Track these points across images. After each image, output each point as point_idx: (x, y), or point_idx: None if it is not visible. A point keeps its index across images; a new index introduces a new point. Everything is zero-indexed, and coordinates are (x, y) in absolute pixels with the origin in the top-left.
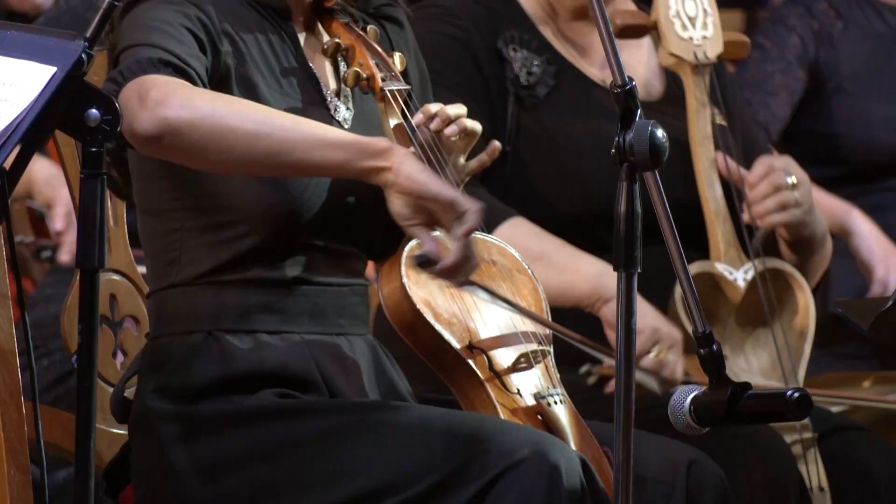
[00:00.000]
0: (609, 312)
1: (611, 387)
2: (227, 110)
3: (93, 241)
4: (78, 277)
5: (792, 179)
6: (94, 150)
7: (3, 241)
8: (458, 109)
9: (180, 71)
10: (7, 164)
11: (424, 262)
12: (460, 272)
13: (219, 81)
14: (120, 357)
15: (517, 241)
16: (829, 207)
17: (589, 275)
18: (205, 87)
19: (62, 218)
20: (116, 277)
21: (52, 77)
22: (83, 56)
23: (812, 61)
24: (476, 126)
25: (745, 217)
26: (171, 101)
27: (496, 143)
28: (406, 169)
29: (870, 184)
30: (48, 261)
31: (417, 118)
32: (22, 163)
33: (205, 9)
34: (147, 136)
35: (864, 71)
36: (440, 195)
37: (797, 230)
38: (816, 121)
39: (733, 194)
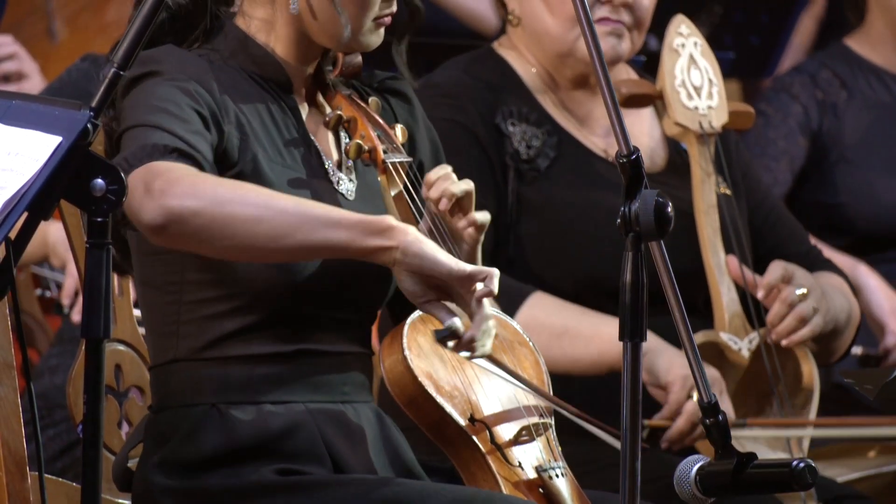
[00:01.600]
0: (644, 373)
1: (665, 441)
2: (230, 196)
3: (98, 311)
4: (83, 347)
5: (802, 291)
6: (99, 219)
7: (8, 310)
8: (465, 185)
9: (185, 155)
10: (12, 234)
11: (447, 337)
12: (481, 344)
13: (222, 155)
14: (125, 427)
15: (539, 319)
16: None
17: (615, 340)
18: (210, 166)
19: (73, 283)
20: (121, 348)
21: (57, 147)
22: (89, 126)
23: (815, 130)
24: (485, 218)
25: (768, 339)
26: (175, 190)
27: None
28: (414, 248)
29: (874, 254)
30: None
31: (423, 191)
32: (27, 232)
33: (206, 84)
34: (153, 226)
35: (868, 141)
36: (453, 270)
37: (822, 335)
38: (821, 191)
39: (739, 264)
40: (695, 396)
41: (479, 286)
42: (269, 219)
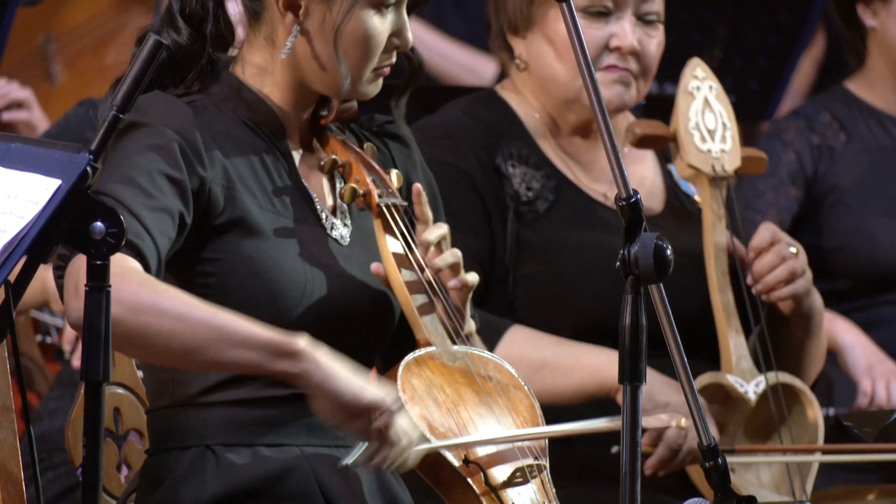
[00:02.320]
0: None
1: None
2: (148, 305)
3: (97, 354)
4: (82, 390)
5: (793, 249)
6: (98, 263)
7: (7, 353)
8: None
9: (129, 245)
10: (12, 277)
11: (356, 461)
12: (394, 465)
13: (206, 206)
14: (124, 471)
15: (517, 353)
16: None
17: (594, 369)
18: (159, 255)
19: (70, 339)
20: (121, 391)
21: (56, 190)
22: (88, 169)
23: (809, 176)
24: (474, 280)
25: (754, 290)
26: None
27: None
28: (316, 375)
29: (871, 297)
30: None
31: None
32: (27, 275)
33: (189, 136)
34: (76, 326)
35: (866, 183)
36: (356, 401)
37: (802, 300)
38: (817, 235)
39: (746, 304)
40: (673, 423)
41: (380, 416)
42: (181, 333)
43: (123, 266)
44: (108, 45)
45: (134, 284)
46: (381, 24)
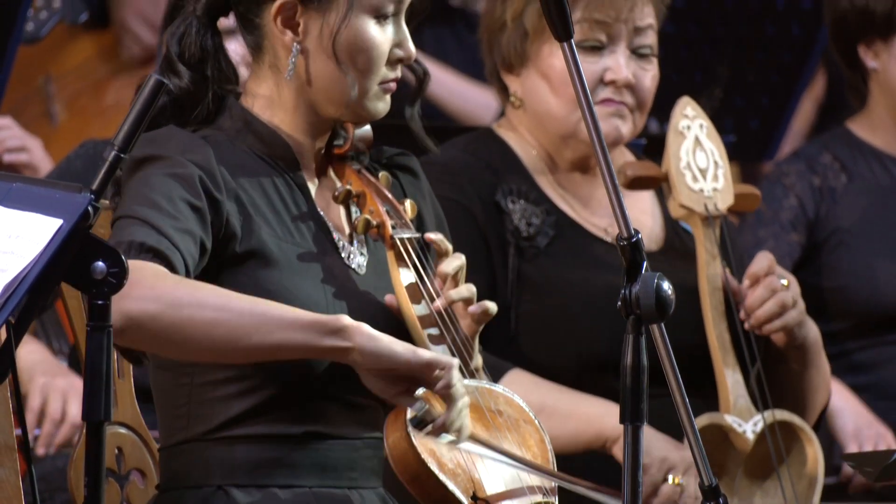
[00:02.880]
0: (620, 451)
1: None
2: (188, 299)
3: (99, 393)
4: (84, 430)
5: (784, 281)
6: (100, 302)
7: (9, 393)
8: (466, 292)
9: (159, 255)
10: (13, 318)
11: (419, 424)
12: (455, 427)
13: (224, 238)
14: None
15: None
16: None
17: (592, 419)
18: (187, 268)
19: (33, 419)
20: (123, 430)
21: (58, 229)
22: (89, 208)
23: (810, 220)
24: (493, 307)
25: (747, 325)
26: (134, 293)
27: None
28: (369, 347)
29: (872, 337)
30: None
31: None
32: (28, 315)
33: (208, 167)
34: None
35: (867, 224)
36: (412, 362)
37: (795, 333)
38: (819, 275)
39: (741, 343)
40: (671, 479)
41: (440, 374)
42: (226, 321)
43: (155, 269)
44: (108, 85)
45: (170, 282)
46: (380, 34)
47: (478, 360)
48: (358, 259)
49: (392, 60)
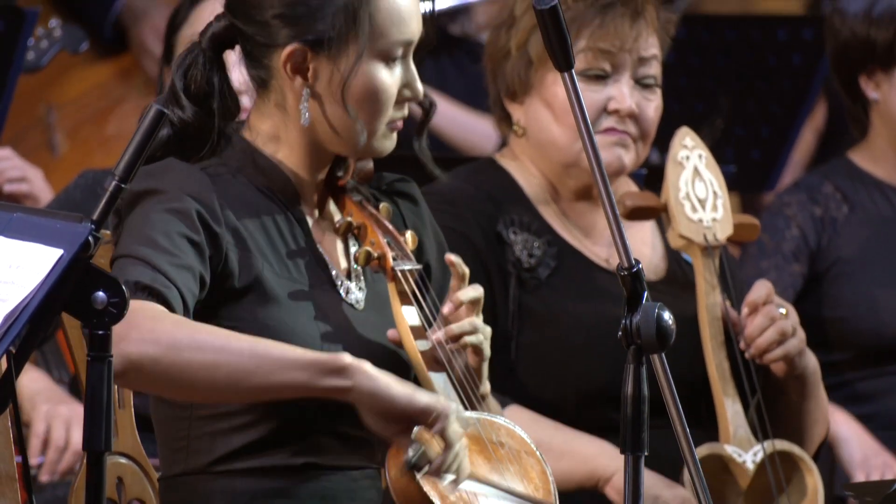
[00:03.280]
0: (612, 491)
1: None
2: (187, 341)
3: (99, 423)
4: (84, 460)
5: (783, 310)
6: (100, 332)
7: (10, 423)
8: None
9: (157, 294)
10: (14, 347)
11: (415, 465)
12: (452, 468)
13: (222, 272)
14: None
15: None
16: None
17: (587, 457)
18: (186, 305)
19: (37, 447)
20: (123, 461)
21: (58, 259)
22: (90, 238)
23: (812, 250)
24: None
25: (747, 354)
26: (133, 336)
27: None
28: (368, 386)
29: (873, 368)
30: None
31: (447, 307)
32: (29, 345)
33: (206, 201)
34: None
35: (869, 255)
36: (408, 406)
37: (795, 362)
38: (820, 306)
39: (741, 374)
40: None
41: (435, 419)
42: (226, 363)
43: (154, 309)
44: (110, 115)
45: (168, 323)
46: (389, 78)
47: (485, 387)
48: (356, 294)
49: (400, 101)
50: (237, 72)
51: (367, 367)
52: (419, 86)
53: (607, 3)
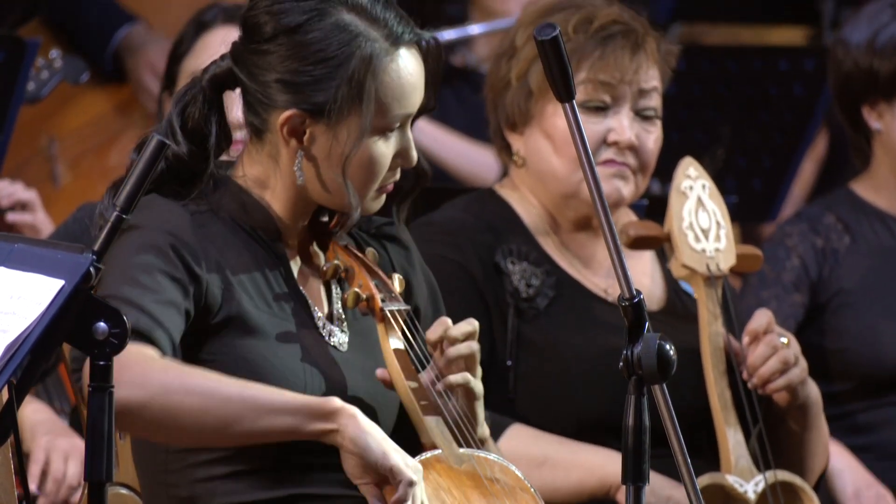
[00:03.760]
0: (624, 497)
1: None
2: (176, 385)
3: (101, 453)
4: (85, 490)
5: (784, 339)
6: (101, 363)
7: (11, 453)
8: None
9: (143, 335)
10: (15, 378)
11: None
12: None
13: (204, 308)
14: None
15: (519, 449)
16: None
17: (594, 467)
18: (172, 341)
19: (35, 477)
20: (124, 491)
21: (59, 290)
22: (91, 269)
23: (814, 280)
24: (479, 391)
25: (750, 384)
26: (122, 379)
27: None
28: (351, 431)
29: (874, 399)
30: None
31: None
32: (30, 376)
33: (185, 239)
34: None
35: (870, 285)
36: (381, 462)
37: (798, 391)
38: (821, 336)
39: (743, 403)
40: None
41: (396, 484)
42: (215, 408)
43: (142, 354)
44: (112, 147)
45: (158, 368)
46: (385, 149)
47: (484, 431)
48: (339, 336)
49: (392, 167)
50: (237, 109)
51: (356, 412)
52: (414, 154)
53: (607, 34)
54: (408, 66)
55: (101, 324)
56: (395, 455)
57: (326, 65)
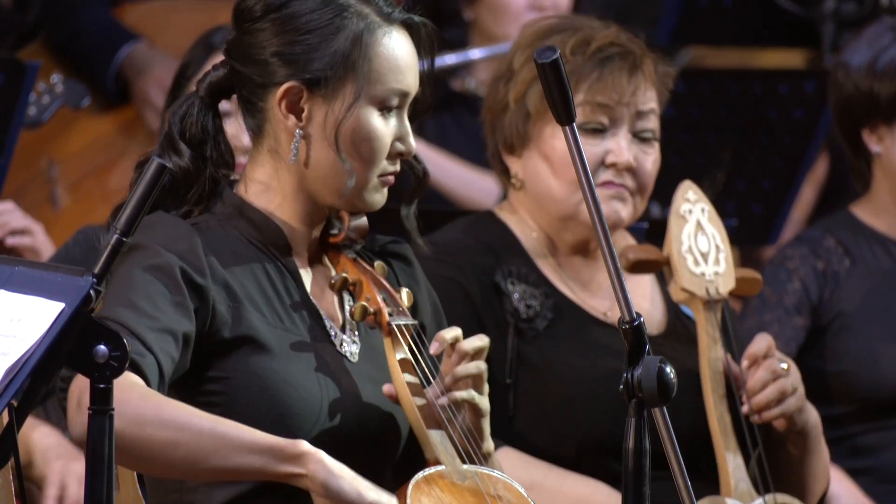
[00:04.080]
0: None
1: None
2: (151, 416)
3: (101, 477)
4: None
5: (784, 365)
6: (102, 386)
7: (11, 476)
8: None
9: (130, 363)
10: (15, 401)
11: None
12: None
13: (212, 328)
14: None
15: (506, 473)
16: None
17: (580, 497)
18: (161, 370)
19: (53, 501)
20: None
21: (60, 313)
22: (91, 292)
23: (814, 303)
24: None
25: (745, 409)
26: None
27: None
28: (321, 477)
29: (874, 421)
30: None
31: (433, 347)
32: (31, 399)
33: (191, 257)
34: (78, 442)
35: (870, 308)
36: (357, 503)
37: (795, 418)
38: (821, 359)
39: (742, 427)
40: None
41: None
42: (185, 443)
43: (125, 381)
44: (112, 169)
45: (136, 397)
46: (383, 126)
47: (489, 446)
48: (350, 347)
49: (392, 154)
50: (233, 124)
51: (323, 456)
52: (412, 141)
53: (605, 56)
54: (401, 43)
55: (102, 346)
56: (370, 493)
57: (320, 33)
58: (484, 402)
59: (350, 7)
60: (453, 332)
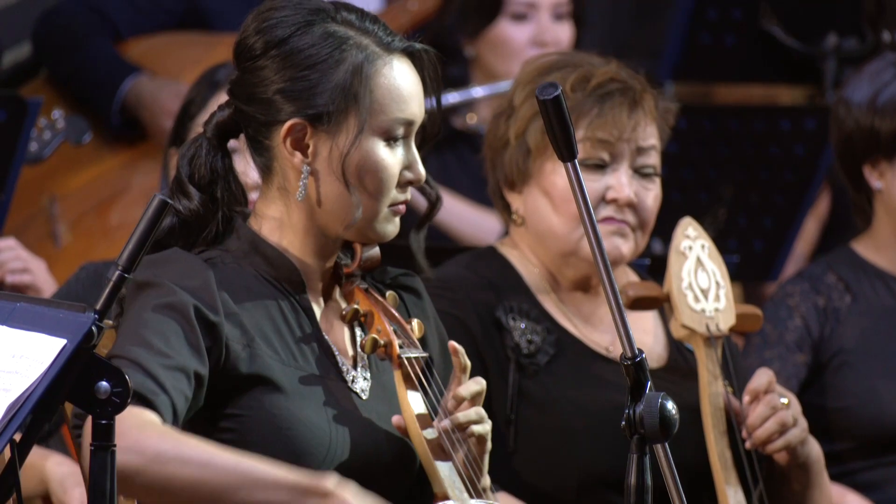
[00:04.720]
0: None
1: None
2: (173, 453)
3: None
4: None
5: (784, 399)
6: (103, 422)
7: None
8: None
9: (146, 401)
10: (17, 437)
11: None
12: None
13: (224, 367)
14: None
15: None
16: None
17: None
18: (175, 408)
19: None
20: None
21: (61, 349)
22: (93, 328)
23: (816, 340)
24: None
25: (747, 444)
26: (119, 445)
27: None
28: None
29: (875, 458)
30: None
31: (450, 403)
32: (32, 435)
33: (205, 295)
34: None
35: (871, 345)
36: None
37: (797, 451)
38: (822, 396)
39: (743, 463)
40: None
41: None
42: (209, 480)
43: (141, 419)
44: (113, 206)
45: (155, 435)
46: (390, 157)
47: (486, 481)
48: (361, 383)
49: (402, 183)
50: (242, 163)
51: (348, 492)
52: (421, 169)
53: (605, 92)
54: (402, 72)
55: (104, 383)
56: None
57: (320, 67)
58: (489, 437)
59: (349, 39)
60: (474, 387)
